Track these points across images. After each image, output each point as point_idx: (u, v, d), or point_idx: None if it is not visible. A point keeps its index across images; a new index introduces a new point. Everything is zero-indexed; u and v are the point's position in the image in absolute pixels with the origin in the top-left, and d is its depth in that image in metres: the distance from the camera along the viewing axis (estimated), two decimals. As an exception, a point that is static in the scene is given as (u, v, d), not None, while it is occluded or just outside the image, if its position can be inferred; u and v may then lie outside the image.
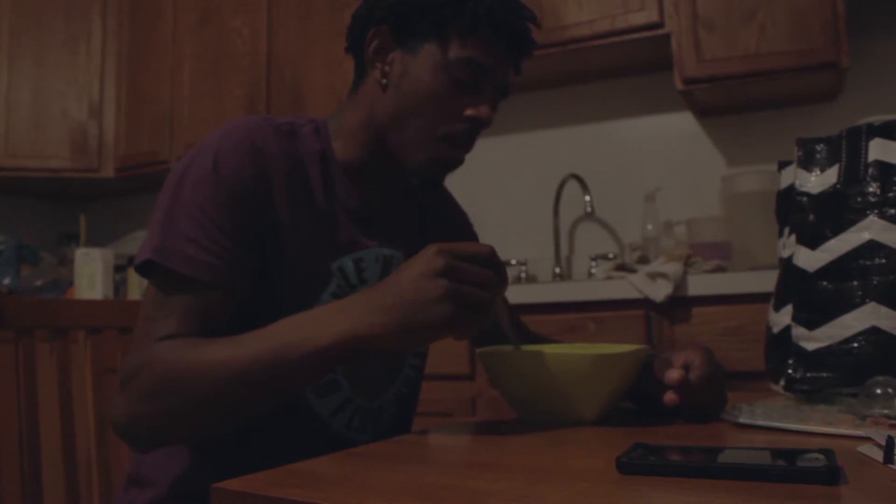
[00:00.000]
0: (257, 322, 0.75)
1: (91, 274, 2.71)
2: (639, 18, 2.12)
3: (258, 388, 0.71)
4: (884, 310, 0.80)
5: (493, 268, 0.68)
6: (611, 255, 2.42)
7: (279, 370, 0.70)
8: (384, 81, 0.87)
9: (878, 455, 0.53)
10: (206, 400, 0.71)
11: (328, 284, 0.85)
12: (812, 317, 0.85)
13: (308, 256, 0.84)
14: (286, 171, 0.84)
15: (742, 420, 0.71)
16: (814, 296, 0.86)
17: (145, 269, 0.78)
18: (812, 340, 0.85)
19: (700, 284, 1.74)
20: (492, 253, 0.69)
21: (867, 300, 0.81)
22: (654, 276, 1.76)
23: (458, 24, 0.84)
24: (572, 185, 2.48)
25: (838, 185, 0.87)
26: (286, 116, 0.90)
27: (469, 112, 0.86)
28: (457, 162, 0.89)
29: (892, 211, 0.83)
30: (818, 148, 0.91)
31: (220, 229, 0.77)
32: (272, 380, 0.71)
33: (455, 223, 1.11)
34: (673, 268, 1.75)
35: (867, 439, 0.59)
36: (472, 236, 1.14)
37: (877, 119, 0.92)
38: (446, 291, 0.64)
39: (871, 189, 0.84)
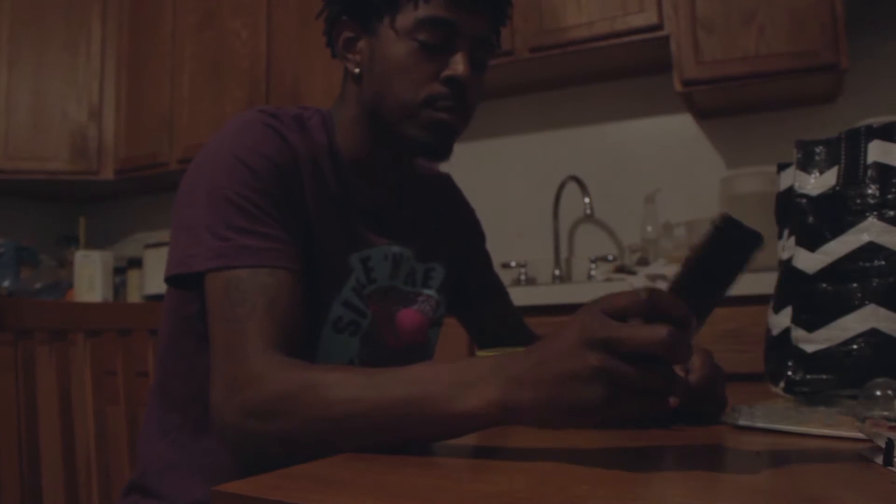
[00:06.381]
0: None
1: (90, 276, 2.71)
2: (638, 20, 2.12)
3: (382, 432, 0.63)
4: (883, 312, 0.80)
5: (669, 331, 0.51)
6: (610, 257, 2.42)
7: (412, 421, 0.61)
8: (357, 71, 0.86)
9: (878, 457, 0.52)
10: (324, 430, 0.65)
11: (348, 279, 0.85)
12: (811, 319, 0.85)
13: (330, 250, 0.84)
14: (307, 161, 0.83)
15: (741, 422, 0.71)
16: (813, 298, 0.85)
17: (177, 279, 0.75)
18: (811, 342, 0.85)
19: (700, 286, 1.74)
20: (668, 304, 0.52)
21: (866, 302, 0.81)
22: (653, 278, 1.76)
23: None
24: (572, 187, 2.47)
25: (837, 187, 0.87)
26: (291, 108, 0.88)
27: (445, 73, 0.82)
28: (448, 126, 0.84)
29: (892, 213, 0.82)
30: (817, 150, 0.91)
31: (269, 216, 0.76)
32: (399, 428, 0.62)
33: (465, 222, 1.11)
34: (673, 270, 1.75)
35: (867, 441, 0.59)
36: (479, 235, 1.14)
37: (876, 121, 0.91)
38: (596, 369, 0.50)
39: (870, 191, 0.84)
